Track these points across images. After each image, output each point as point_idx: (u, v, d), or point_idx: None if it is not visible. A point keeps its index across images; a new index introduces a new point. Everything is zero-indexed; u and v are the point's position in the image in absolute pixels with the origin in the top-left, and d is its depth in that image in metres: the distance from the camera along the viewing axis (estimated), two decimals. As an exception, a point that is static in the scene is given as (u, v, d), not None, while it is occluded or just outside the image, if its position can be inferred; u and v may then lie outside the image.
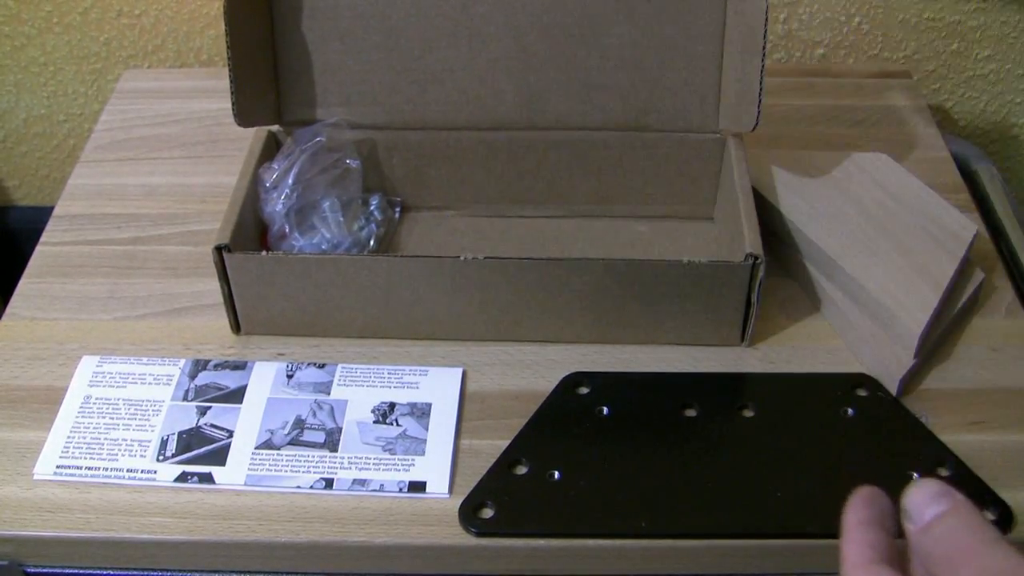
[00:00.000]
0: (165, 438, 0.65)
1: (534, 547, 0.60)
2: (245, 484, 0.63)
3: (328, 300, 0.69)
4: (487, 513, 0.61)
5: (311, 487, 0.63)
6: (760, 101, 0.71)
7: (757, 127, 0.72)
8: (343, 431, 0.65)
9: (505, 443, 0.64)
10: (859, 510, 0.43)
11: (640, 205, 0.80)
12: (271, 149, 0.76)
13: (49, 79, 1.06)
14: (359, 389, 0.68)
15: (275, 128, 0.76)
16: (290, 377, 0.69)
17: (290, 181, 0.73)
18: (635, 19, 0.73)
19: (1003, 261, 0.77)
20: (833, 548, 0.60)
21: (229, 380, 0.69)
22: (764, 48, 0.70)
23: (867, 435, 0.65)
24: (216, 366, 0.69)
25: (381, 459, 0.64)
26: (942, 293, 0.68)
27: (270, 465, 0.64)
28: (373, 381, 0.68)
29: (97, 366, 0.70)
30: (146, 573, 0.62)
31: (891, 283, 0.69)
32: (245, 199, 0.70)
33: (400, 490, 0.62)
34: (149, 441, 0.65)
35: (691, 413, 0.66)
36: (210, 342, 0.71)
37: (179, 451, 0.64)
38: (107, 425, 0.66)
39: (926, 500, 0.40)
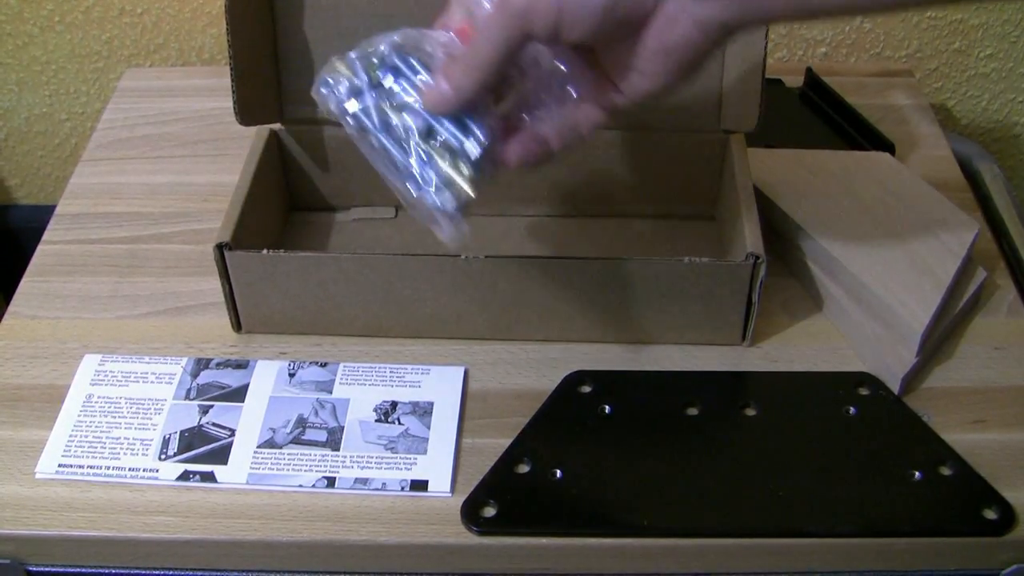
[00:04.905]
0: (167, 437, 0.65)
1: (536, 546, 0.60)
2: (247, 483, 0.63)
3: (330, 298, 0.69)
4: (489, 512, 0.61)
5: (313, 486, 0.63)
6: (762, 100, 0.71)
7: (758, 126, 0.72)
8: (345, 430, 0.65)
9: (507, 442, 0.64)
10: None
11: (641, 205, 0.80)
12: (273, 148, 0.76)
13: (51, 78, 1.06)
14: (361, 388, 0.68)
15: (276, 126, 0.76)
16: (292, 376, 0.69)
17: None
18: (637, 18, 0.73)
19: (1005, 260, 0.77)
20: (833, 548, 0.61)
21: (231, 379, 0.69)
22: (766, 47, 0.70)
23: (869, 434, 0.65)
24: (218, 365, 0.69)
25: (383, 458, 0.64)
26: (944, 292, 0.68)
27: (272, 464, 0.64)
28: (375, 380, 0.68)
29: (99, 365, 0.70)
30: (148, 572, 0.63)
31: (893, 282, 0.69)
32: (247, 198, 0.70)
33: (402, 489, 0.62)
34: (151, 440, 0.65)
35: (693, 412, 0.66)
36: (212, 341, 0.71)
37: (181, 450, 0.64)
38: (109, 424, 0.66)
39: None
